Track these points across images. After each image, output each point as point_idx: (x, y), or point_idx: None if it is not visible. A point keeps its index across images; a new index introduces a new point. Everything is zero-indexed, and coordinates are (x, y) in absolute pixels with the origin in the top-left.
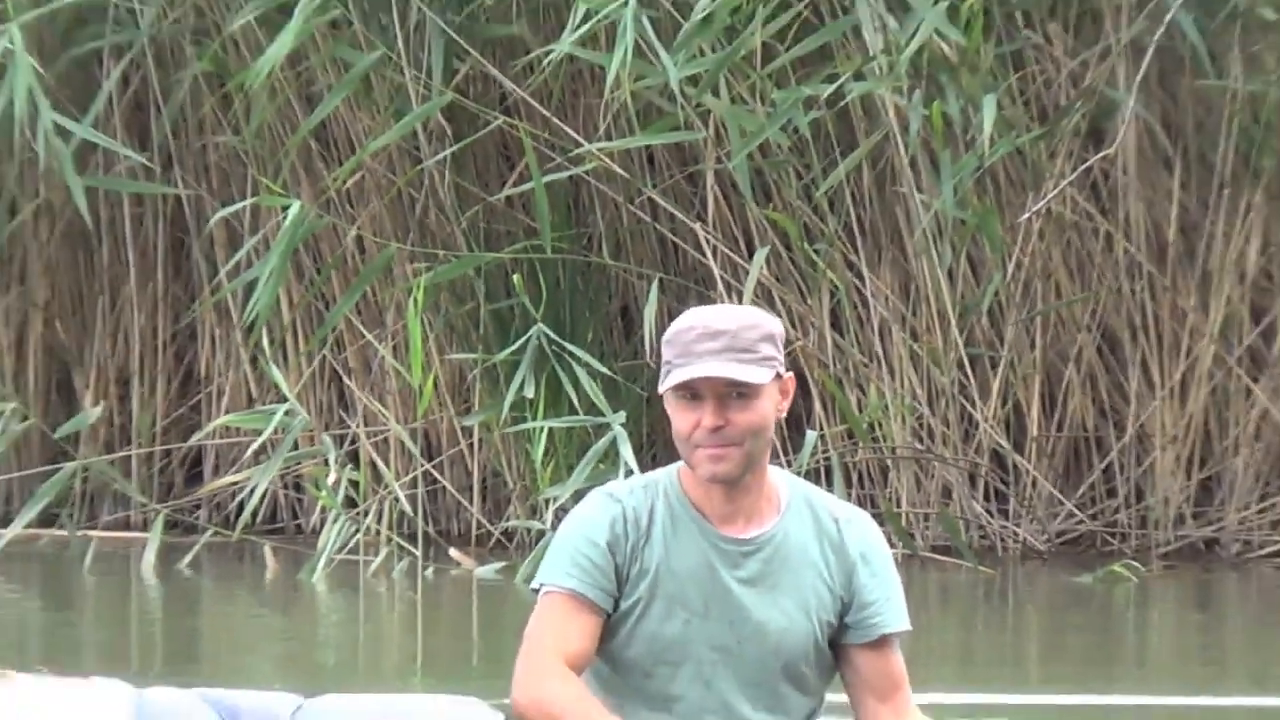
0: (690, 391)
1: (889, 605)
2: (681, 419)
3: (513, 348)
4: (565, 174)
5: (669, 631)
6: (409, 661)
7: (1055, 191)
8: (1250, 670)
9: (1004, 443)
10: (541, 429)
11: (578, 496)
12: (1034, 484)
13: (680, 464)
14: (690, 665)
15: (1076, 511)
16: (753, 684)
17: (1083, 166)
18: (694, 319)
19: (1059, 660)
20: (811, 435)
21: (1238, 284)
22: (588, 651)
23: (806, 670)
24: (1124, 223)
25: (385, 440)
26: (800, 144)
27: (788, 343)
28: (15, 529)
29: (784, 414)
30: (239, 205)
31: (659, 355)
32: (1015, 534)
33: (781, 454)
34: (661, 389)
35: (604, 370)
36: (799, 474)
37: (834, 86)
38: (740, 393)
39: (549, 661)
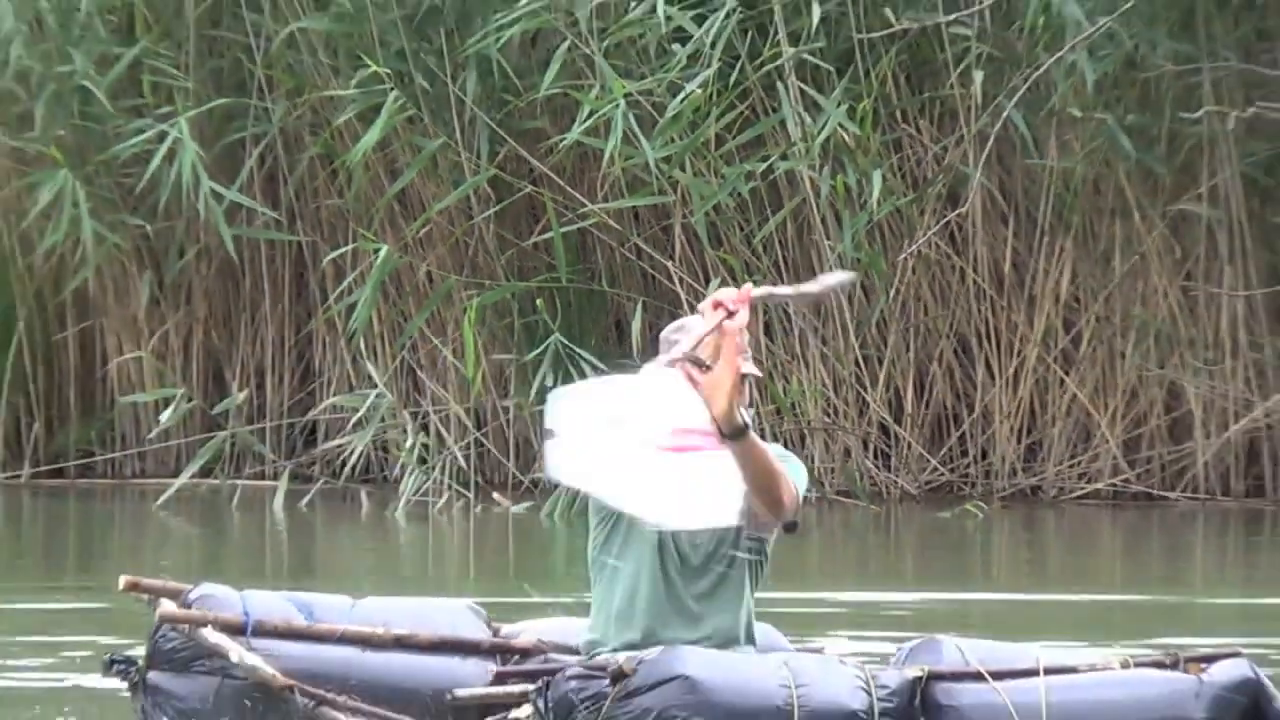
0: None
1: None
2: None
3: (537, 351)
4: (575, 226)
5: (667, 538)
6: (463, 571)
7: (923, 239)
8: (1063, 575)
9: (888, 417)
10: None
11: None
12: (909, 447)
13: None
14: (666, 553)
15: (939, 466)
16: (706, 575)
17: (943, 221)
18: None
19: (928, 570)
20: (749, 412)
21: (1054, 305)
22: None
23: (734, 573)
24: (973, 260)
25: (447, 416)
26: (743, 205)
27: None
28: (183, 479)
29: None
30: (343, 250)
31: (645, 356)
32: (895, 482)
33: None
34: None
35: (603, 367)
36: None
37: (766, 164)
38: (745, 380)
39: None
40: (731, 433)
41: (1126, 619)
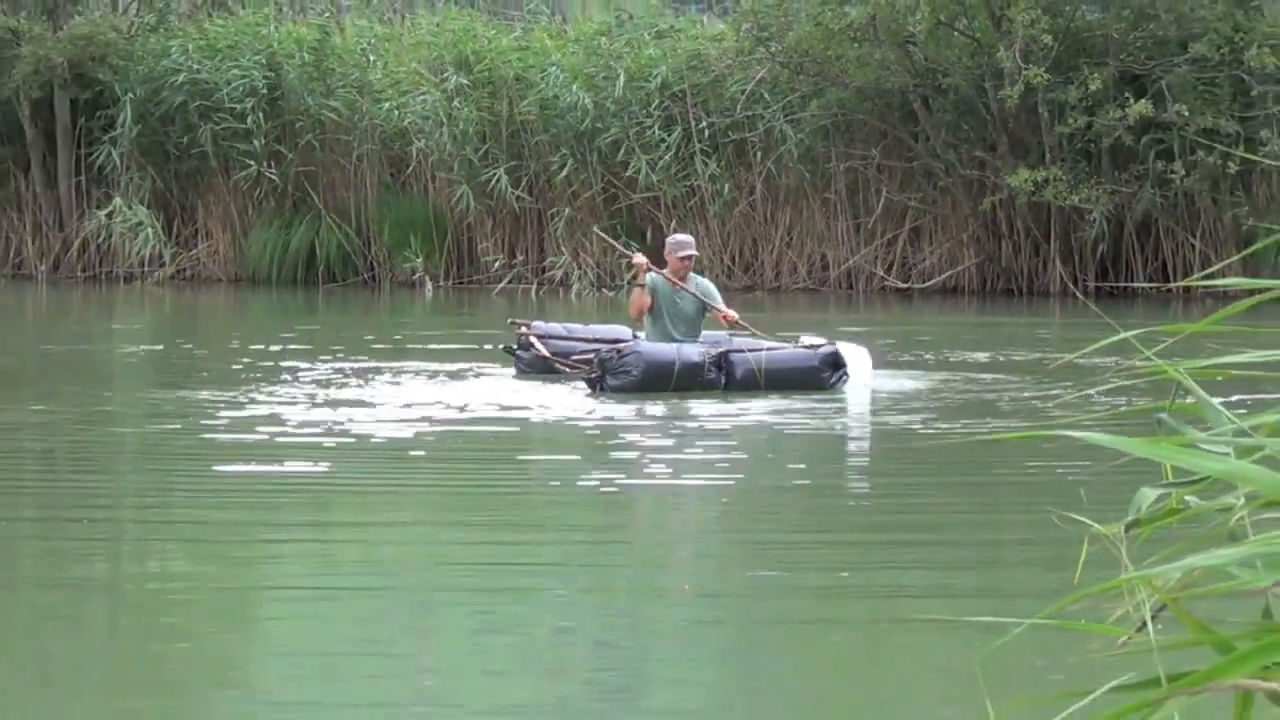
0: (687, 255)
1: (718, 302)
2: (676, 261)
3: (620, 241)
4: (629, 202)
5: (664, 312)
6: (600, 314)
7: (740, 207)
8: (782, 307)
9: (729, 263)
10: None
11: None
12: (736, 272)
13: (665, 270)
14: (668, 318)
15: (748, 280)
16: (685, 322)
17: (748, 199)
18: (683, 236)
19: (743, 313)
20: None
21: (785, 227)
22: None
23: (696, 318)
24: (760, 213)
25: (588, 262)
26: (682, 195)
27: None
28: (501, 285)
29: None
30: (554, 210)
31: (663, 245)
32: (733, 285)
33: None
34: (678, 255)
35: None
36: None
37: (689, 182)
38: (694, 256)
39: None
40: (632, 280)
41: (797, 322)
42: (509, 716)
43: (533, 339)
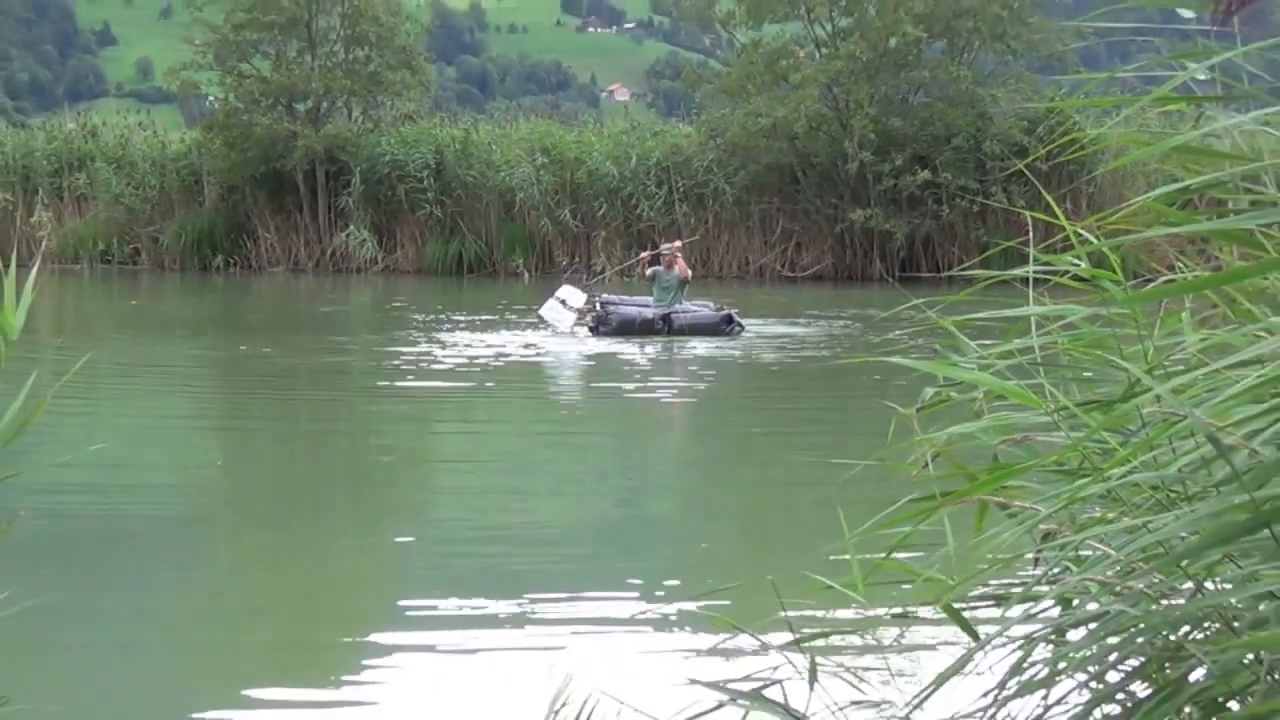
0: (662, 253)
1: (687, 276)
2: (664, 258)
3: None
4: (625, 222)
5: (659, 288)
6: (623, 290)
7: (698, 236)
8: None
9: (701, 267)
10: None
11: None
12: (714, 258)
13: (661, 266)
14: (659, 290)
15: (720, 265)
16: (668, 293)
17: (703, 227)
18: (666, 245)
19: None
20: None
21: (727, 243)
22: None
23: (676, 290)
24: (710, 231)
25: (611, 259)
26: (666, 206)
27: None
28: (567, 274)
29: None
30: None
31: (656, 248)
32: (702, 262)
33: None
34: (663, 250)
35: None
36: None
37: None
38: (666, 256)
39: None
40: (652, 262)
41: (731, 294)
42: (568, 512)
43: (597, 303)
